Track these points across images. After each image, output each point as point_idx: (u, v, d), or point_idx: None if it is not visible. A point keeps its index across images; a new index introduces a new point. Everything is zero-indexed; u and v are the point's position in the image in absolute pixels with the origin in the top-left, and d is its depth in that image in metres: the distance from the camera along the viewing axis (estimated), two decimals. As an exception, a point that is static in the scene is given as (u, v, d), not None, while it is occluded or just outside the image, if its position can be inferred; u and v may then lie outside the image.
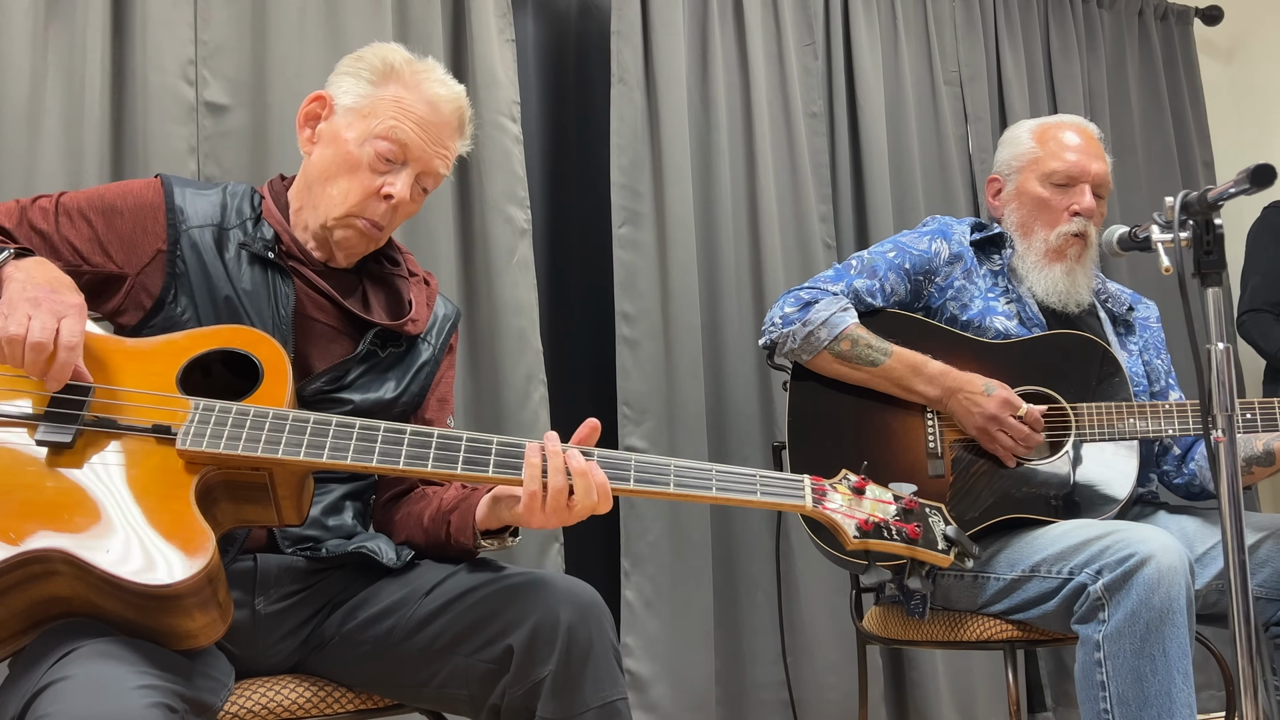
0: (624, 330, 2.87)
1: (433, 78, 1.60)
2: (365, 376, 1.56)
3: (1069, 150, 2.12)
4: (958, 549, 1.42)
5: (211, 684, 1.24)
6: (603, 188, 2.94)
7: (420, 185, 1.60)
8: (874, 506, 1.42)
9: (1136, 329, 2.23)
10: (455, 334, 1.74)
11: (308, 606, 1.50)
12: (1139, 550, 1.69)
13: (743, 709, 2.89)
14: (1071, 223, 2.10)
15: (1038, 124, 2.21)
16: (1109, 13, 3.83)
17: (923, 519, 1.43)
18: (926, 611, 1.98)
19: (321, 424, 1.30)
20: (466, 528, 1.47)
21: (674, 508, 2.81)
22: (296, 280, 1.55)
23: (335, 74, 1.62)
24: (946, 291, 2.10)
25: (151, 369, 1.34)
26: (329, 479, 1.55)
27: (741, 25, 3.15)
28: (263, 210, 1.59)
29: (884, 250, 2.12)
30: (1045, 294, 2.10)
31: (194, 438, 1.25)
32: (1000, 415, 1.90)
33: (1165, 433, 1.96)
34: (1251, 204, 3.60)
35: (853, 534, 1.39)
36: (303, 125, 1.62)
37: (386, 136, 1.54)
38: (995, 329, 2.06)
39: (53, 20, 2.40)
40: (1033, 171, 2.14)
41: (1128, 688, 1.67)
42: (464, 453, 1.33)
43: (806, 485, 1.41)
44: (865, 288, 2.07)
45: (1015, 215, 2.16)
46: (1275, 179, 1.48)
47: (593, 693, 1.31)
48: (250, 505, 1.32)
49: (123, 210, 1.51)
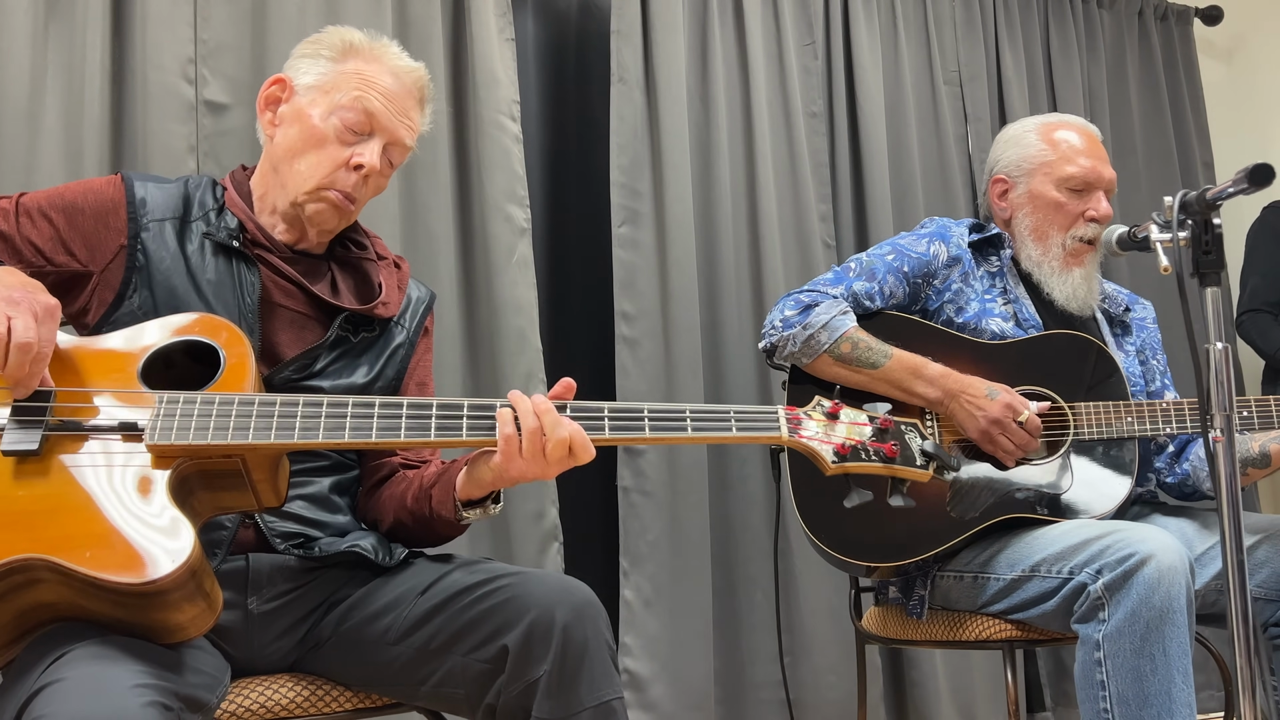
0: (623, 329, 2.87)
1: (391, 52, 1.61)
2: (337, 363, 1.55)
3: (1082, 155, 2.12)
4: (936, 463, 1.42)
5: (206, 680, 1.23)
6: (602, 187, 2.94)
7: (387, 157, 1.60)
8: (849, 430, 1.41)
9: (1133, 329, 2.23)
10: (430, 316, 1.74)
11: (302, 606, 1.50)
12: (1139, 550, 1.69)
13: (742, 708, 2.89)
14: (1087, 227, 2.10)
15: (1041, 123, 2.20)
16: (1109, 13, 3.82)
17: (899, 437, 1.42)
18: (924, 612, 1.98)
19: (289, 404, 1.29)
20: (447, 500, 1.47)
21: (673, 507, 2.81)
22: (262, 268, 1.54)
23: (292, 58, 1.62)
24: (944, 294, 2.10)
25: (112, 366, 1.32)
26: (311, 470, 1.54)
27: (741, 25, 3.15)
28: (226, 200, 1.58)
29: (883, 253, 2.12)
30: (1066, 299, 2.10)
31: (162, 431, 1.24)
32: (1003, 419, 1.90)
33: (1162, 432, 1.97)
34: (1251, 205, 3.60)
35: (830, 459, 1.39)
36: (263, 109, 1.62)
37: (352, 107, 1.54)
38: (991, 330, 2.06)
39: (53, 19, 2.41)
40: (1047, 175, 2.13)
41: (1127, 687, 1.67)
42: (436, 419, 1.33)
43: (781, 415, 1.40)
44: (864, 290, 2.07)
45: (1030, 219, 2.15)
46: (1273, 179, 1.48)
47: (588, 692, 1.31)
48: (227, 493, 1.31)
49: (84, 208, 1.50)
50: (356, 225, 1.69)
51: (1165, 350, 2.31)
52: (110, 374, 1.31)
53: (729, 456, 2.95)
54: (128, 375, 1.31)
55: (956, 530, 1.91)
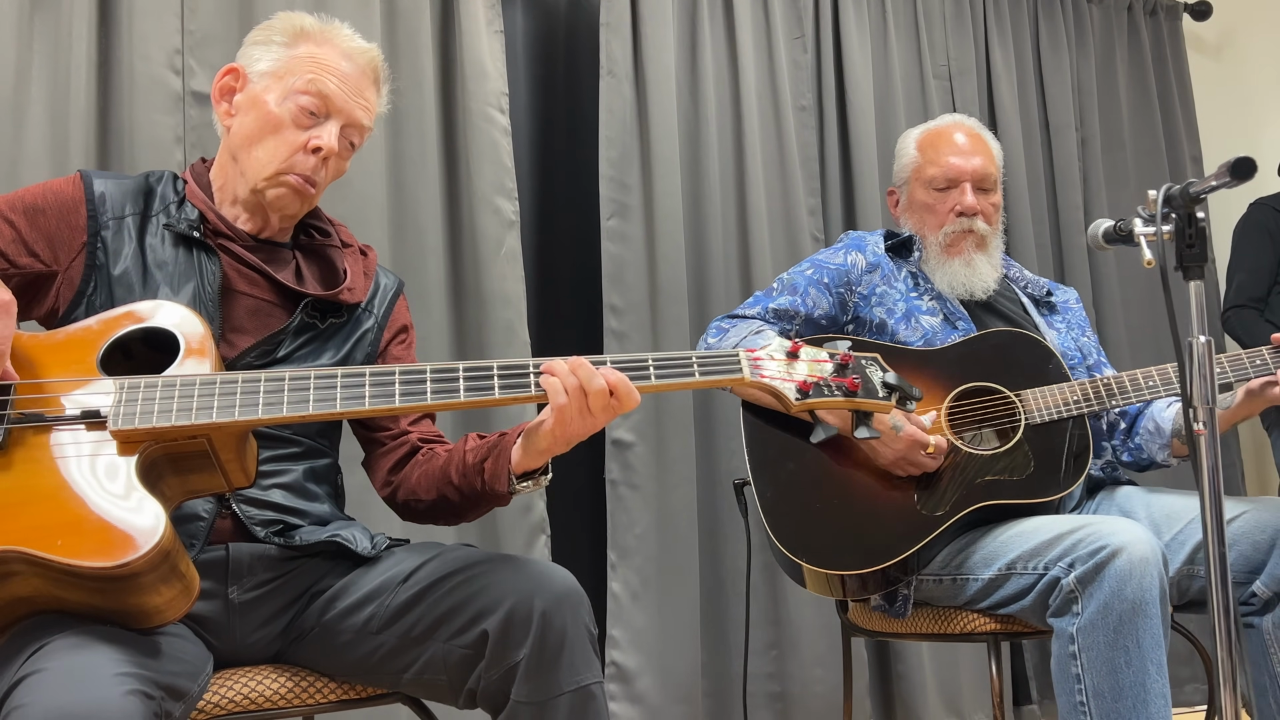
0: (612, 323, 2.87)
1: (343, 34, 1.62)
2: (303, 349, 1.55)
3: (945, 154, 2.22)
4: (898, 393, 1.43)
5: (188, 669, 1.23)
6: (591, 180, 2.94)
7: (346, 139, 1.60)
8: (810, 367, 1.42)
9: (1059, 310, 2.31)
10: (402, 306, 1.74)
11: (283, 595, 1.50)
12: (1110, 542, 1.70)
13: (729, 701, 2.89)
14: (956, 222, 2.19)
15: (921, 131, 2.32)
16: (1098, 7, 3.83)
17: (860, 370, 1.43)
18: (909, 610, 1.99)
19: (251, 381, 1.29)
20: (502, 474, 1.47)
21: (660, 500, 2.81)
22: (224, 256, 1.54)
23: (245, 45, 1.62)
24: (870, 299, 2.17)
25: (70, 358, 1.32)
26: (283, 458, 1.53)
27: (731, 18, 3.15)
28: (186, 193, 1.58)
29: (802, 269, 2.21)
30: (950, 286, 2.19)
31: (125, 416, 1.24)
32: (909, 455, 1.93)
33: (1108, 405, 2.01)
34: (1239, 201, 3.61)
35: (794, 397, 1.39)
36: (218, 100, 1.61)
37: (306, 90, 1.55)
38: (922, 327, 2.12)
39: (38, 9, 2.40)
40: (917, 179, 2.26)
41: (1102, 680, 1.68)
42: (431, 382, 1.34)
43: (743, 357, 1.41)
44: (788, 304, 2.14)
45: (911, 222, 2.28)
46: (1255, 172, 1.49)
47: (568, 676, 1.32)
48: (196, 475, 1.31)
49: (45, 208, 1.50)
50: (319, 213, 1.70)
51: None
52: (69, 365, 1.31)
53: (717, 450, 2.96)
54: (87, 365, 1.31)
55: (929, 527, 1.92)
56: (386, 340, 1.69)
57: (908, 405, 1.44)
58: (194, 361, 1.33)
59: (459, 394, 1.33)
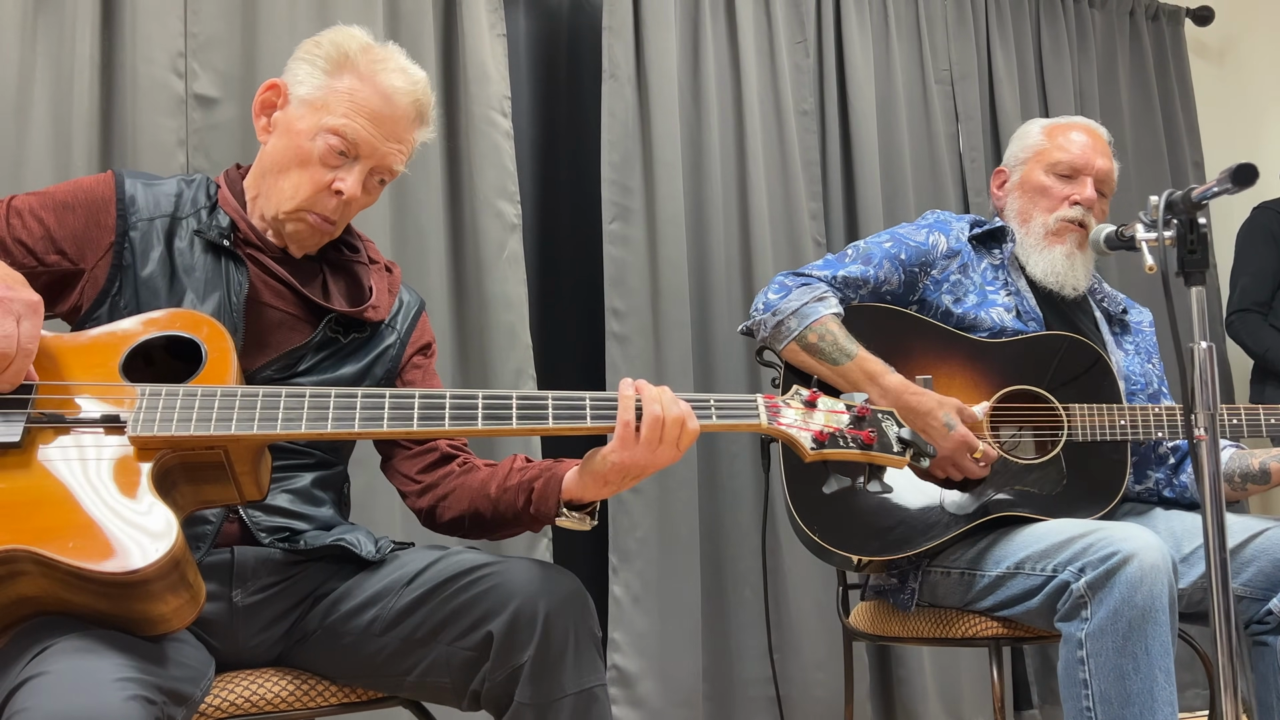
0: (614, 326, 2.87)
1: (390, 67, 1.56)
2: (324, 364, 1.55)
3: (1077, 144, 2.18)
4: (913, 449, 1.43)
5: (190, 674, 1.23)
6: (593, 183, 2.94)
7: (375, 178, 1.58)
8: (827, 418, 1.43)
9: (1132, 330, 2.25)
10: (425, 323, 1.73)
11: (286, 599, 1.50)
12: (1121, 549, 1.69)
13: (730, 705, 2.89)
14: (1070, 210, 2.13)
15: (1050, 121, 2.27)
16: (1100, 12, 3.83)
17: (876, 424, 1.43)
18: (914, 604, 1.98)
19: (271, 396, 1.29)
20: (551, 496, 1.46)
21: (662, 504, 2.81)
22: (252, 267, 1.54)
23: (293, 59, 1.60)
24: (942, 285, 2.10)
25: (93, 360, 1.32)
26: (295, 466, 1.54)
27: (733, 22, 3.15)
28: (219, 199, 1.57)
29: (880, 240, 2.13)
30: (1044, 274, 2.12)
31: (144, 423, 1.24)
32: (956, 456, 1.90)
33: (1155, 436, 1.98)
34: (1242, 206, 3.61)
35: (809, 446, 1.40)
36: (258, 114, 1.60)
37: (338, 132, 1.52)
38: (991, 320, 2.06)
39: (41, 12, 2.40)
40: (1038, 162, 2.19)
41: (1110, 686, 1.67)
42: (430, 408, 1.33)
43: (760, 404, 1.42)
44: (858, 274, 2.07)
45: (1016, 203, 2.20)
46: (1257, 178, 1.49)
47: (571, 679, 1.32)
48: (209, 485, 1.31)
49: (74, 206, 1.49)
50: (350, 229, 1.69)
51: (1160, 357, 2.33)
52: (92, 369, 1.31)
53: (718, 454, 2.96)
54: (109, 370, 1.31)
55: (950, 526, 1.92)
56: (409, 356, 1.68)
57: (921, 462, 1.44)
58: (215, 372, 1.33)
59: (510, 422, 1.33)
